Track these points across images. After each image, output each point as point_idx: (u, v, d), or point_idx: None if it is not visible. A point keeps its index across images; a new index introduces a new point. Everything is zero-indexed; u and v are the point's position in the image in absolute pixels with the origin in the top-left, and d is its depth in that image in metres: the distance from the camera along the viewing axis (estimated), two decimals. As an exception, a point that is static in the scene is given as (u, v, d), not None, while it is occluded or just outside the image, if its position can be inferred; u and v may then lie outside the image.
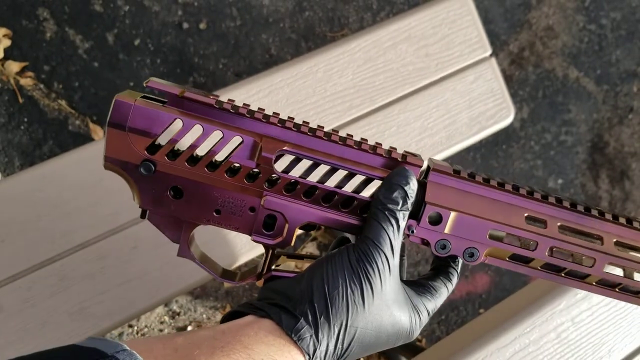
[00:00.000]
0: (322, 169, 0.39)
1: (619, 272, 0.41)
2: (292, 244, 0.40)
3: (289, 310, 0.34)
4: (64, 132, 1.29)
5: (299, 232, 0.41)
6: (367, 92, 0.80)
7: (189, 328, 1.29)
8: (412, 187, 0.37)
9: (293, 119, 0.39)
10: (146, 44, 1.36)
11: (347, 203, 0.39)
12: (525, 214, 0.39)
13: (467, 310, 1.53)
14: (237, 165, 0.38)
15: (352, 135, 0.39)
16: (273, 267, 0.41)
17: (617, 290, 0.41)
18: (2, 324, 0.64)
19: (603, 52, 1.74)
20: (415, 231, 0.38)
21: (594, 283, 0.41)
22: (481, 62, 0.85)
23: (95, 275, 0.67)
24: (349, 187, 0.40)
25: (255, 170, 0.38)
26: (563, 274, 0.41)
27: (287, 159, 0.39)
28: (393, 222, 0.35)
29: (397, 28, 0.82)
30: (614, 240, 0.40)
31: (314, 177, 0.39)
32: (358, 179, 0.40)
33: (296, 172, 0.39)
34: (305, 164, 0.39)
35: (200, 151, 0.38)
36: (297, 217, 0.39)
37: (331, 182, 0.39)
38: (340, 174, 0.39)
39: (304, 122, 0.39)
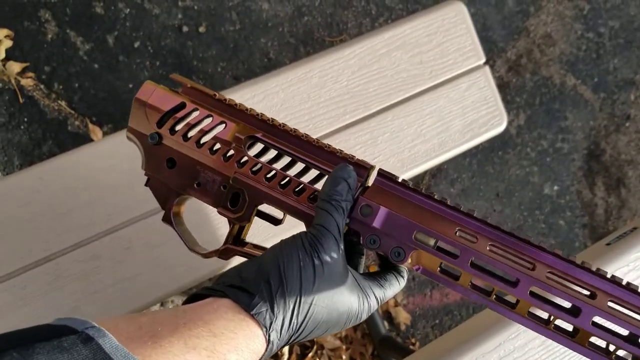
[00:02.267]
0: (286, 160, 0.46)
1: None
2: (250, 221, 0.45)
3: (246, 289, 0.37)
4: (63, 132, 1.30)
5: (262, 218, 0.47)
6: (361, 98, 0.81)
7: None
8: (353, 181, 0.41)
9: (273, 119, 0.46)
10: (146, 47, 1.37)
11: (300, 191, 0.44)
12: (458, 228, 0.40)
13: (462, 315, 1.53)
14: (217, 145, 0.46)
15: (315, 139, 0.45)
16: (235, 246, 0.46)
17: (551, 328, 0.38)
18: (-4, 321, 0.65)
19: (601, 60, 1.75)
20: (349, 221, 0.42)
21: (525, 314, 0.39)
22: (475, 70, 0.86)
23: (89, 275, 0.68)
24: (303, 178, 0.45)
25: (230, 150, 0.46)
26: (494, 297, 0.39)
27: (258, 148, 0.47)
28: (339, 210, 0.40)
29: (391, 35, 0.83)
30: (547, 270, 0.38)
31: (278, 167, 0.46)
32: (313, 172, 0.45)
33: (264, 160, 0.46)
34: (272, 154, 0.46)
35: (194, 131, 0.47)
36: (256, 196, 0.45)
37: (291, 173, 0.45)
38: (299, 166, 0.45)
39: (274, 120, 0.46)
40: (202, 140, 0.47)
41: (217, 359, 0.33)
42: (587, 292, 0.38)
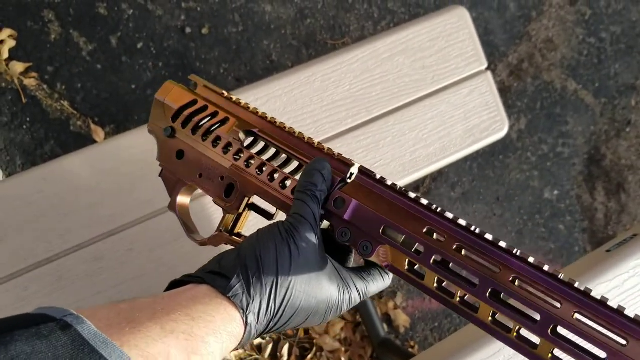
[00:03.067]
0: (282, 156, 0.49)
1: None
2: (241, 212, 0.48)
3: (224, 275, 0.38)
4: (65, 132, 1.30)
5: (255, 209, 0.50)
6: (364, 102, 0.81)
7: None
8: (328, 173, 0.43)
9: (273, 117, 0.49)
10: (149, 48, 1.37)
11: (286, 184, 0.46)
12: (427, 227, 0.40)
13: (461, 318, 1.53)
14: (220, 139, 0.50)
15: (306, 136, 0.48)
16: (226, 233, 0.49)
17: (514, 337, 0.36)
18: (-1, 321, 0.65)
19: (602, 66, 1.75)
20: (324, 212, 0.43)
21: (488, 321, 0.37)
22: (477, 76, 0.86)
23: (92, 276, 0.68)
24: (290, 171, 0.47)
25: (230, 144, 0.49)
26: (458, 301, 0.38)
27: (261, 146, 0.50)
28: (313, 200, 0.42)
29: (394, 40, 0.83)
30: (513, 275, 0.37)
31: (272, 162, 0.48)
32: (294, 164, 0.48)
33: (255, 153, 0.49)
34: (262, 148, 0.49)
35: (200, 124, 0.51)
36: (247, 187, 0.48)
37: (277, 165, 0.48)
38: (282, 158, 0.48)
39: (272, 118, 0.49)
40: (207, 135, 0.50)
41: (195, 342, 0.34)
42: (555, 302, 0.35)
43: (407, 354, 1.34)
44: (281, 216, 0.47)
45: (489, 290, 0.37)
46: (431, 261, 0.39)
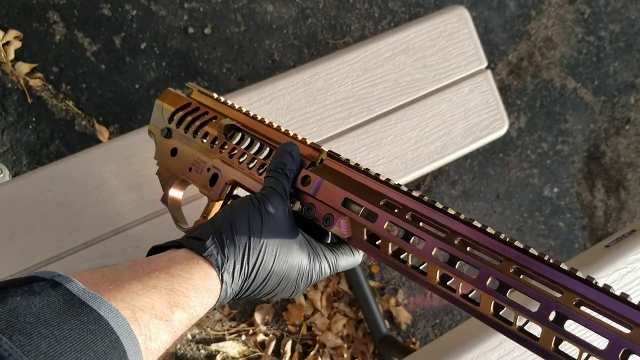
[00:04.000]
0: (261, 147, 0.53)
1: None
2: (220, 197, 0.52)
3: (200, 239, 0.41)
4: (70, 132, 1.32)
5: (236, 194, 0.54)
6: (366, 101, 0.82)
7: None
8: (296, 154, 0.47)
9: (255, 114, 0.55)
10: (152, 48, 1.39)
11: (263, 170, 0.50)
12: (385, 199, 0.43)
13: (462, 315, 1.55)
14: (208, 134, 0.55)
15: (281, 127, 0.52)
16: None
17: (458, 297, 0.38)
18: (10, 317, 0.66)
19: (601, 64, 1.77)
20: (293, 191, 0.47)
21: (436, 282, 0.39)
22: (477, 74, 0.88)
23: (100, 272, 0.70)
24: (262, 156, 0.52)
25: (217, 139, 0.54)
26: (409, 266, 0.40)
27: (245, 142, 0.54)
28: (283, 176, 0.46)
29: (395, 40, 0.85)
30: (459, 237, 0.39)
31: (254, 153, 0.52)
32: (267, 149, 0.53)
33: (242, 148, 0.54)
34: (248, 143, 0.54)
35: (192, 123, 0.57)
36: (227, 175, 0.52)
37: (257, 154, 0.52)
38: (263, 149, 0.52)
39: (254, 114, 0.54)
40: (197, 131, 0.56)
41: (176, 296, 0.36)
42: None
43: (409, 350, 1.35)
44: None
45: (433, 249, 0.39)
46: (384, 227, 0.42)
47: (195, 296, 0.38)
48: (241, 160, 0.52)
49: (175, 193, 0.58)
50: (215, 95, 0.58)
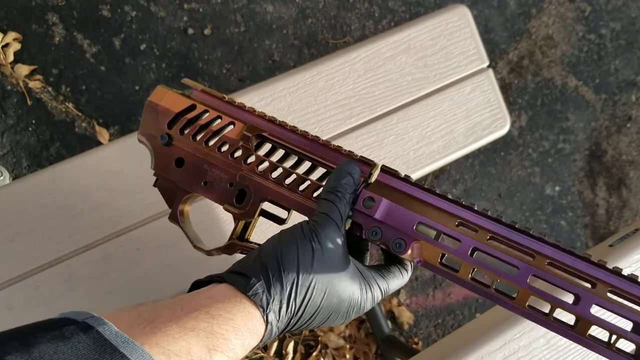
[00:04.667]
0: (293, 159, 0.48)
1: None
2: (255, 218, 0.47)
3: (244, 274, 0.38)
4: (70, 134, 1.31)
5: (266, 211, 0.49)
6: (367, 101, 0.82)
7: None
8: (357, 176, 0.43)
9: (282, 120, 0.48)
10: (152, 49, 1.38)
11: (305, 187, 0.46)
12: (458, 220, 0.41)
13: (464, 314, 1.54)
14: (225, 144, 0.48)
15: (318, 137, 0.47)
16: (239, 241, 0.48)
17: (551, 319, 0.38)
18: (10, 322, 0.66)
19: (602, 62, 1.76)
20: (352, 213, 0.43)
21: (525, 306, 0.39)
22: (478, 73, 0.87)
23: (101, 275, 0.69)
24: (304, 172, 0.47)
25: (238, 149, 0.47)
26: (493, 289, 0.39)
27: (266, 149, 0.49)
28: (342, 201, 0.41)
29: (397, 39, 0.84)
30: (547, 261, 0.38)
31: (284, 164, 0.47)
32: (317, 169, 0.47)
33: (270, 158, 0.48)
34: (277, 152, 0.48)
35: (203, 132, 0.49)
36: (261, 192, 0.46)
37: (295, 169, 0.47)
38: (304, 163, 0.47)
39: (282, 121, 0.48)
40: (211, 140, 0.49)
41: (216, 339, 0.34)
42: (587, 283, 0.38)
43: (411, 350, 1.35)
44: (294, 219, 0.47)
45: (528, 277, 0.38)
46: (469, 254, 0.40)
47: (236, 338, 0.35)
48: (274, 173, 0.47)
49: (185, 209, 0.51)
50: (226, 97, 0.50)
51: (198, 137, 0.49)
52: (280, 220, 0.49)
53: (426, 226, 0.42)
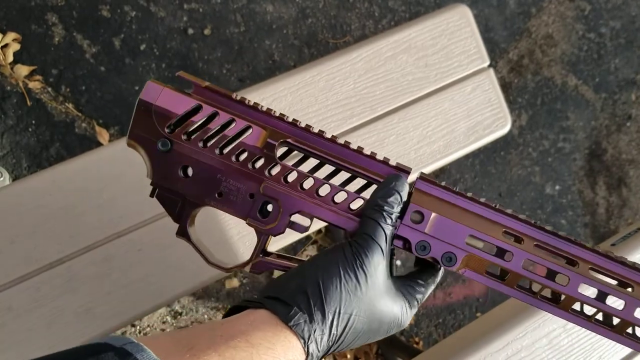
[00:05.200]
0: (327, 169, 0.43)
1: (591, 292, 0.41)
2: (284, 231, 0.43)
3: (284, 301, 0.37)
4: (70, 134, 1.31)
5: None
6: (368, 101, 0.82)
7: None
8: (405, 193, 0.40)
9: (307, 125, 0.43)
10: (152, 49, 1.38)
11: (339, 199, 0.42)
12: (503, 229, 0.41)
13: (465, 314, 1.54)
14: (243, 151, 0.42)
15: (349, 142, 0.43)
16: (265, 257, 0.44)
17: (592, 321, 0.40)
18: (11, 323, 0.66)
19: (602, 61, 1.76)
20: (398, 229, 0.40)
21: (569, 310, 0.40)
22: (479, 73, 0.87)
23: (102, 276, 0.69)
24: (343, 185, 0.43)
25: (259, 158, 0.42)
26: (539, 296, 0.40)
27: (294, 157, 0.43)
28: (388, 221, 0.39)
29: (397, 39, 0.84)
30: (589, 266, 0.39)
31: (313, 173, 0.43)
32: (358, 181, 0.43)
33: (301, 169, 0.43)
34: (311, 163, 0.43)
35: (214, 136, 0.43)
36: (290, 205, 0.42)
37: (324, 177, 0.43)
38: (344, 175, 0.43)
39: (306, 124, 0.43)
40: (226, 148, 0.43)
41: None
42: (629, 288, 0.40)
43: (412, 350, 1.35)
44: (313, 226, 0.44)
45: (579, 285, 0.39)
46: (521, 265, 0.40)
47: None
48: (304, 185, 0.42)
49: (192, 223, 0.46)
50: (237, 96, 0.43)
51: (209, 144, 0.43)
52: (302, 229, 0.45)
53: (475, 238, 0.41)
